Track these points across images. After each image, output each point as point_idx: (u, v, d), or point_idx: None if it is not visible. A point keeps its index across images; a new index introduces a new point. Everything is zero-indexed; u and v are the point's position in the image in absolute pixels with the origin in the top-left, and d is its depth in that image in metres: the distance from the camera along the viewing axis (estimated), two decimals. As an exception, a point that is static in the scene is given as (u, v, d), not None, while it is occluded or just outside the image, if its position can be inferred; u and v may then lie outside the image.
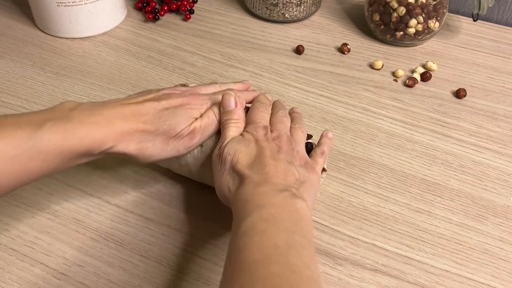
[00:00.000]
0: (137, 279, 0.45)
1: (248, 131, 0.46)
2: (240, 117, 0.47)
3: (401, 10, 0.68)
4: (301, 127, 0.49)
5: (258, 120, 0.47)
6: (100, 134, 0.41)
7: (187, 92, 0.48)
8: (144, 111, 0.44)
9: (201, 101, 0.47)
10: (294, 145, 0.46)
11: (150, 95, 0.47)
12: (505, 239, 0.49)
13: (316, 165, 0.46)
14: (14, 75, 0.66)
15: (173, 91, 0.48)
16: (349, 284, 0.45)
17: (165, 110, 0.45)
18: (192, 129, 0.45)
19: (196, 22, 0.76)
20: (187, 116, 0.45)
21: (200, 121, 0.46)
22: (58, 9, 0.68)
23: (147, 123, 0.44)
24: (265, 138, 0.45)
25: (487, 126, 0.61)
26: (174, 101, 0.46)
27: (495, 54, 0.72)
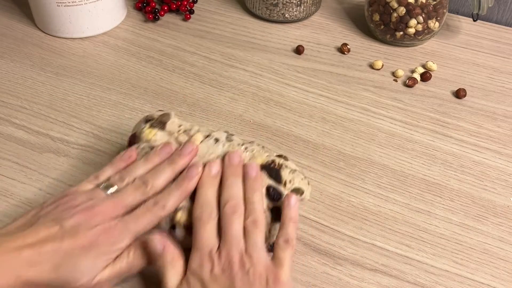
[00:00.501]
0: (137, 279, 0.45)
1: (192, 273, 0.39)
2: (173, 257, 0.40)
3: (401, 10, 0.68)
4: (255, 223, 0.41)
5: (201, 244, 0.40)
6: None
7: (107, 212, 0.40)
8: (41, 258, 0.36)
9: (117, 237, 0.39)
10: (249, 263, 0.39)
11: (54, 228, 0.38)
12: (505, 239, 0.49)
13: (280, 271, 0.39)
14: (14, 75, 0.66)
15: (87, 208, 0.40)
16: (349, 284, 0.45)
17: (66, 256, 0.37)
18: (96, 282, 0.38)
19: (196, 22, 0.76)
20: (92, 266, 0.38)
21: (110, 269, 0.39)
22: (58, 9, 0.68)
23: (40, 275, 0.36)
24: (212, 277, 0.38)
25: (487, 126, 0.61)
26: (81, 242, 0.38)
27: (495, 54, 0.72)
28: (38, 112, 0.60)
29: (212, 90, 0.64)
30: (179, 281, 0.39)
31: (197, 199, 0.42)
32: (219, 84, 0.65)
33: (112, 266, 0.39)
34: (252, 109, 0.62)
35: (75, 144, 0.56)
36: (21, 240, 0.37)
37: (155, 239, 0.40)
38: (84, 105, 0.62)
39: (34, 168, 0.54)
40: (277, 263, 0.40)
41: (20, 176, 0.53)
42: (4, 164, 0.54)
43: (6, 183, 0.52)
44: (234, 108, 0.62)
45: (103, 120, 0.59)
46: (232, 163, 0.44)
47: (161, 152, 0.45)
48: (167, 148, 0.45)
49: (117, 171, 0.44)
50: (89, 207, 0.40)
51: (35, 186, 0.52)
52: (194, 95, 0.63)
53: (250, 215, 0.41)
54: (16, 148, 0.56)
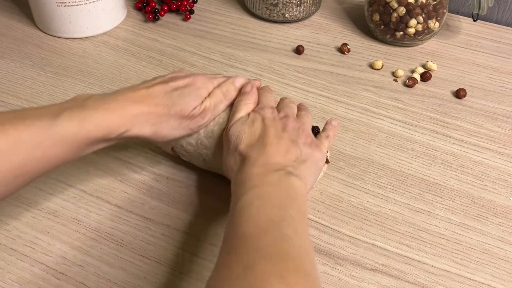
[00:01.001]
0: (137, 279, 0.45)
1: (255, 111, 0.48)
2: (252, 101, 0.49)
3: (401, 10, 0.68)
4: (307, 114, 0.50)
5: (266, 101, 0.49)
6: (114, 119, 0.43)
7: (191, 74, 0.50)
8: (154, 94, 0.46)
9: (207, 81, 0.49)
10: (301, 124, 0.47)
11: (158, 80, 0.48)
12: (505, 239, 0.49)
13: (321, 144, 0.47)
14: (14, 75, 0.66)
15: (178, 73, 0.50)
16: (349, 284, 0.45)
17: (174, 91, 0.47)
18: (203, 108, 0.47)
19: (196, 22, 0.76)
20: (196, 96, 0.47)
21: (209, 100, 0.48)
22: (58, 9, 0.68)
23: (158, 105, 0.45)
24: (272, 117, 0.47)
25: (487, 126, 0.61)
26: (181, 82, 0.48)
27: (495, 54, 0.72)
28: (38, 112, 0.60)
29: (212, 90, 0.64)
30: (244, 115, 0.47)
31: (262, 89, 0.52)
32: (219, 84, 0.65)
33: (210, 98, 0.48)
34: (252, 109, 0.62)
35: (75, 144, 0.56)
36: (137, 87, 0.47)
37: (250, 83, 0.51)
38: (84, 105, 0.61)
39: (34, 168, 0.54)
40: (319, 142, 0.48)
41: (20, 176, 0.53)
42: (4, 164, 0.54)
43: (6, 183, 0.52)
44: (234, 108, 0.62)
45: (103, 120, 0.59)
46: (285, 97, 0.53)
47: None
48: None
49: None
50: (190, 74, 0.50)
51: (35, 186, 0.52)
52: (194, 95, 0.63)
53: (303, 110, 0.51)
54: (16, 148, 0.56)
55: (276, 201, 0.39)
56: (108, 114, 0.43)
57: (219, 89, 0.49)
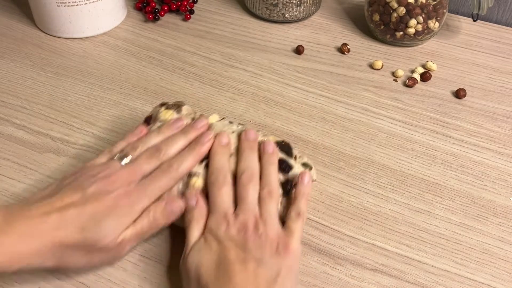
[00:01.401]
0: (137, 279, 0.45)
1: (208, 231, 0.42)
2: (202, 213, 0.43)
3: (401, 10, 0.68)
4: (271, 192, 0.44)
5: (218, 206, 0.43)
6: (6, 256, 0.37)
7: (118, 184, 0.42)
8: (67, 221, 0.39)
9: (136, 199, 0.42)
10: (263, 228, 0.42)
11: (76, 195, 0.41)
12: (505, 239, 0.49)
13: (291, 240, 0.42)
14: (14, 75, 0.66)
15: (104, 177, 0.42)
16: (349, 284, 0.45)
17: (90, 219, 0.40)
18: (120, 240, 0.41)
19: (196, 22, 0.76)
20: (115, 226, 0.40)
21: (132, 229, 0.41)
22: (58, 9, 0.68)
23: (68, 236, 0.39)
24: (227, 235, 0.41)
25: (487, 126, 0.61)
26: (103, 205, 0.40)
27: (495, 54, 0.72)
28: (38, 112, 0.60)
29: (212, 90, 0.64)
30: (198, 237, 0.42)
31: (210, 166, 0.45)
32: (219, 84, 0.65)
33: (134, 226, 0.42)
34: (252, 109, 0.62)
35: (75, 144, 0.56)
36: (48, 206, 0.40)
37: (191, 194, 0.44)
38: (84, 105, 0.62)
39: (34, 168, 0.54)
40: (288, 232, 0.42)
41: (20, 176, 0.53)
42: (4, 164, 0.54)
43: (6, 183, 0.52)
44: (234, 108, 0.62)
45: (103, 120, 0.60)
46: (248, 138, 0.47)
47: (173, 125, 0.48)
48: (179, 122, 0.49)
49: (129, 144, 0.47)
50: (107, 176, 0.42)
51: (35, 186, 0.52)
52: (194, 95, 0.63)
53: (266, 186, 0.44)
54: (16, 148, 0.56)
55: None
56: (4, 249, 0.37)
57: (147, 215, 0.42)
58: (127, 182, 0.42)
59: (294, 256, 0.41)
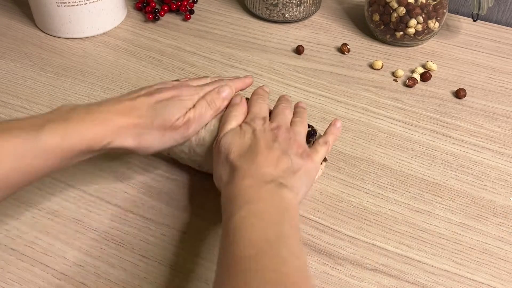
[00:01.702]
0: (137, 279, 0.45)
1: (246, 122, 0.47)
2: (241, 112, 0.49)
3: (401, 10, 0.68)
4: (302, 121, 0.50)
5: (257, 111, 0.49)
6: (97, 131, 0.43)
7: (178, 85, 0.50)
8: (138, 105, 0.45)
9: (192, 92, 0.49)
10: (293, 134, 0.47)
11: (143, 91, 0.48)
12: (505, 239, 0.49)
13: (314, 154, 0.47)
14: (14, 75, 0.66)
15: (164, 85, 0.49)
16: (349, 284, 0.45)
17: (158, 103, 0.46)
18: (187, 119, 0.47)
19: (196, 22, 0.76)
20: (180, 107, 0.47)
21: (193, 111, 0.47)
22: (58, 9, 0.68)
23: (142, 117, 0.45)
24: (263, 129, 0.46)
25: (487, 126, 0.61)
26: (166, 94, 0.47)
27: (495, 54, 0.72)
28: (38, 112, 0.60)
29: (212, 90, 0.64)
30: (235, 126, 0.47)
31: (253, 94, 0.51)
32: (219, 84, 0.65)
33: (195, 109, 0.47)
34: (252, 109, 0.62)
35: (75, 144, 0.56)
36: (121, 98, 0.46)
37: (238, 95, 0.50)
38: (84, 105, 0.62)
39: (34, 168, 0.54)
40: (313, 150, 0.47)
41: (20, 176, 0.53)
42: (4, 164, 0.54)
43: (6, 183, 0.52)
44: (234, 108, 0.62)
45: (103, 120, 0.59)
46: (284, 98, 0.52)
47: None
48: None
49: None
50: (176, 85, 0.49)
51: (35, 186, 0.52)
52: (194, 95, 0.63)
53: (298, 116, 0.50)
54: (16, 148, 0.56)
55: (270, 218, 0.39)
56: (91, 126, 0.42)
57: (203, 100, 0.48)
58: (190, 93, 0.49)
59: (314, 165, 0.46)
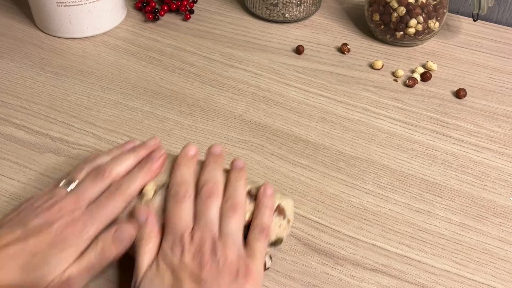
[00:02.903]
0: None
1: (162, 256, 0.38)
2: (153, 230, 0.39)
3: (401, 10, 0.68)
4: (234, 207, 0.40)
5: (174, 225, 0.39)
6: None
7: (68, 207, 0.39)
8: (6, 261, 0.36)
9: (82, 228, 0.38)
10: (221, 251, 0.38)
11: (18, 231, 0.37)
12: (505, 239, 0.49)
13: (252, 263, 0.38)
14: (14, 75, 0.66)
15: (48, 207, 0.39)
16: (349, 284, 0.45)
17: (32, 256, 0.36)
18: (66, 278, 0.36)
19: (196, 22, 0.76)
20: (58, 261, 0.36)
21: (78, 264, 0.37)
22: (58, 9, 0.68)
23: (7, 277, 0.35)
24: (181, 264, 0.37)
25: (487, 126, 0.61)
26: (45, 238, 0.37)
27: (495, 54, 0.72)
28: (38, 112, 0.60)
29: (212, 90, 0.64)
30: (150, 262, 0.38)
31: (172, 179, 0.41)
32: (219, 84, 0.65)
33: (80, 261, 0.37)
34: (252, 109, 0.62)
35: (75, 144, 0.56)
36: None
37: (140, 208, 0.40)
38: (84, 105, 0.62)
39: (34, 168, 0.54)
40: (250, 253, 0.39)
41: (20, 176, 0.53)
42: (4, 164, 0.54)
43: (6, 183, 0.52)
44: (234, 108, 0.62)
45: (103, 120, 0.59)
46: (214, 152, 0.44)
47: (123, 145, 0.46)
48: (130, 143, 0.46)
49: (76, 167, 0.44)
50: (50, 206, 0.39)
51: (35, 186, 0.52)
52: (194, 95, 0.63)
53: (229, 199, 0.40)
54: (16, 148, 0.56)
55: None
56: None
57: (93, 250, 0.38)
58: (72, 210, 0.39)
59: (255, 281, 0.37)
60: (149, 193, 0.42)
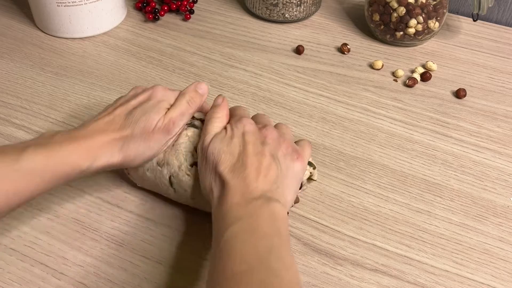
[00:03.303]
0: (137, 279, 0.45)
1: (232, 125, 0.46)
2: (225, 113, 0.48)
3: (401, 10, 0.68)
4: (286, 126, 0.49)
5: (241, 113, 0.48)
6: (80, 152, 0.43)
7: (150, 88, 0.49)
8: (116, 119, 0.45)
9: (169, 92, 0.48)
10: (283, 138, 0.46)
11: (118, 103, 0.48)
12: (505, 239, 0.49)
13: (302, 152, 0.46)
14: (14, 75, 0.66)
15: (136, 90, 0.49)
16: (349, 284, 0.45)
17: (135, 109, 0.46)
18: (168, 120, 0.46)
19: (196, 22, 0.76)
20: (158, 109, 0.46)
21: (173, 110, 0.47)
22: (58, 9, 0.68)
23: (122, 129, 0.45)
24: (250, 130, 0.45)
25: (487, 126, 0.61)
26: (141, 98, 0.47)
27: (495, 54, 0.72)
28: (38, 112, 0.60)
29: (212, 90, 0.64)
30: (219, 130, 0.46)
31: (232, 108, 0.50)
32: (219, 84, 0.65)
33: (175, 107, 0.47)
34: (252, 109, 0.62)
35: (75, 144, 0.56)
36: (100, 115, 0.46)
37: (219, 96, 0.49)
38: (84, 105, 0.62)
39: (34, 168, 0.54)
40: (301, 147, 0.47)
41: (20, 176, 0.53)
42: (4, 164, 0.54)
43: (6, 183, 0.52)
44: (234, 108, 0.62)
45: (103, 120, 0.59)
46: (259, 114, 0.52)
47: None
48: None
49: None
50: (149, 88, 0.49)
51: (35, 186, 0.52)
52: (194, 95, 0.63)
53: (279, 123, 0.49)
54: (16, 148, 0.56)
55: (260, 232, 0.38)
56: (73, 148, 0.42)
57: (182, 98, 0.48)
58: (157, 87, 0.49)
59: (303, 165, 0.45)
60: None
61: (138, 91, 0.49)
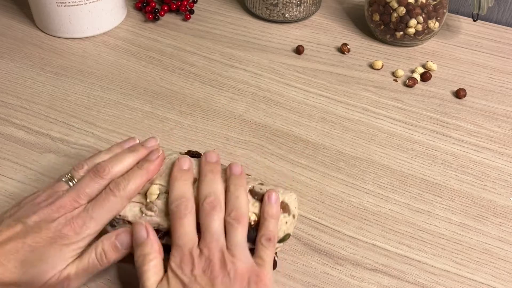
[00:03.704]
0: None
1: (173, 272, 0.38)
2: (154, 248, 0.39)
3: (401, 10, 0.68)
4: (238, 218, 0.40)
5: (181, 241, 0.39)
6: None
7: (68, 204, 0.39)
8: (6, 256, 0.36)
9: (81, 226, 0.38)
10: (231, 264, 0.38)
11: (17, 227, 0.38)
12: (505, 239, 0.49)
13: (262, 270, 0.39)
14: (14, 75, 0.66)
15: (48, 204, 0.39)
16: (349, 284, 0.45)
17: (31, 252, 0.37)
18: (65, 276, 0.37)
19: (196, 22, 0.76)
20: (58, 258, 0.37)
21: (77, 263, 0.38)
22: (58, 9, 0.68)
23: (6, 273, 0.36)
24: (193, 278, 0.37)
25: (487, 126, 0.61)
26: (45, 235, 0.37)
27: (495, 54, 0.72)
28: (38, 112, 0.60)
29: (212, 90, 0.64)
30: (159, 279, 0.38)
31: (170, 194, 0.41)
32: (219, 84, 0.65)
33: (80, 260, 0.38)
34: (252, 109, 0.62)
35: (75, 144, 0.56)
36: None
37: (140, 225, 0.40)
38: (84, 105, 0.62)
39: (34, 168, 0.54)
40: (260, 262, 0.39)
41: (20, 176, 0.53)
42: (4, 164, 0.54)
43: (6, 183, 0.52)
44: (234, 108, 0.62)
45: (103, 120, 0.59)
46: (209, 160, 0.43)
47: (123, 143, 0.46)
48: (131, 140, 0.46)
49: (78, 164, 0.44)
50: (51, 202, 0.39)
51: (35, 186, 0.52)
52: (194, 95, 0.63)
53: (233, 211, 0.40)
54: (16, 148, 0.56)
55: None
56: None
57: (92, 251, 0.39)
58: (72, 207, 0.39)
59: (267, 284, 0.39)
60: (153, 196, 0.42)
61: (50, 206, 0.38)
